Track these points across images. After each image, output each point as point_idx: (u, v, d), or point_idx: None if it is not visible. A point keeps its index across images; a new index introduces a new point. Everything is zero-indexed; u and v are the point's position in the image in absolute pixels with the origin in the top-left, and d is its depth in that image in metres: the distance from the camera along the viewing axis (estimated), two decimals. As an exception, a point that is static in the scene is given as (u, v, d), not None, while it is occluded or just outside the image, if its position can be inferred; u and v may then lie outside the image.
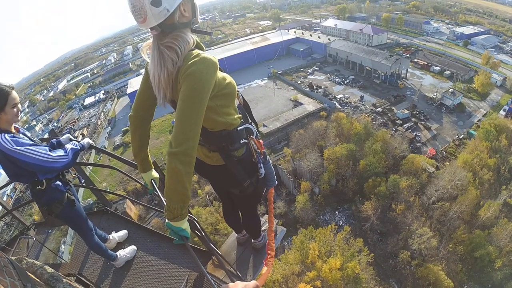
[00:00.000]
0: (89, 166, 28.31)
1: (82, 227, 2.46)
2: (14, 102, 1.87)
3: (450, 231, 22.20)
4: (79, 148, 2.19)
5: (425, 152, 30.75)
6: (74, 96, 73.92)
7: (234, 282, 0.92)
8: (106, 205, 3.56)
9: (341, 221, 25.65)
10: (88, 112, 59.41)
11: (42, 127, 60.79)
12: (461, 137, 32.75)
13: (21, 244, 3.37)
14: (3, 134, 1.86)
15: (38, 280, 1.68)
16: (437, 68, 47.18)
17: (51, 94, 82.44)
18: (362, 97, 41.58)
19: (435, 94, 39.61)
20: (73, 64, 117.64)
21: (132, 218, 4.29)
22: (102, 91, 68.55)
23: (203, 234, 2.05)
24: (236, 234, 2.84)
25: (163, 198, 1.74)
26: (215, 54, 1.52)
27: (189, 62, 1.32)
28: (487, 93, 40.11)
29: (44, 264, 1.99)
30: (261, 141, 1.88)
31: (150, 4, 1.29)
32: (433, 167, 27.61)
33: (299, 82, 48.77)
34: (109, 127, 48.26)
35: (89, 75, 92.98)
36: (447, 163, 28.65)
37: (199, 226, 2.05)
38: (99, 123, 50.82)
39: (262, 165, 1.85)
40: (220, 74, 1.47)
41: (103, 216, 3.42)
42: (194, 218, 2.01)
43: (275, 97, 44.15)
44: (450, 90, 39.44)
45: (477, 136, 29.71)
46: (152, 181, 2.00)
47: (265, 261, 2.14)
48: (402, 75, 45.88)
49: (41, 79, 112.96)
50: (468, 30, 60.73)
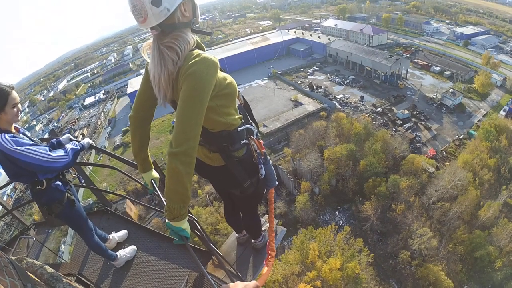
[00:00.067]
0: (89, 166, 28.33)
1: (82, 227, 2.47)
2: (14, 102, 1.87)
3: (450, 231, 22.21)
4: (79, 148, 2.19)
5: (425, 152, 30.75)
6: (74, 96, 73.94)
7: (234, 282, 0.92)
8: (106, 205, 3.56)
9: (341, 221, 25.66)
10: (88, 112, 59.41)
11: (42, 127, 60.84)
12: (461, 137, 32.75)
13: (21, 244, 3.37)
14: (3, 134, 1.86)
15: (38, 280, 1.67)
16: (437, 68, 47.16)
17: (51, 94, 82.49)
18: (362, 97, 41.57)
19: (435, 94, 39.60)
20: (73, 64, 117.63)
21: (132, 218, 4.29)
22: (102, 91, 68.58)
23: (203, 234, 2.05)
24: (236, 234, 2.84)
25: (163, 198, 1.73)
26: (215, 54, 1.52)
27: (190, 62, 1.31)
28: (487, 93, 40.10)
29: (44, 264, 1.99)
30: (262, 142, 1.87)
31: (151, 4, 1.28)
32: (433, 167, 27.62)
33: (299, 82, 48.75)
34: (109, 127, 48.28)
35: (89, 75, 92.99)
36: (447, 163, 28.65)
37: (199, 226, 2.05)
38: (99, 123, 50.83)
39: (263, 166, 1.84)
40: (221, 74, 1.47)
41: (103, 216, 3.42)
42: (194, 218, 2.00)
43: (275, 97, 44.14)
44: (450, 90, 39.42)
45: (477, 136, 29.72)
46: (152, 181, 2.00)
47: (266, 261, 2.14)
48: (402, 75, 45.84)
49: (41, 79, 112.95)
50: (468, 30, 60.71)
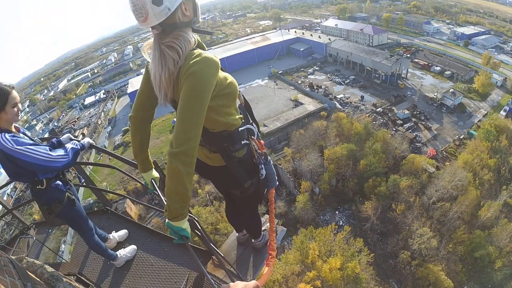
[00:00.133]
0: (90, 166, 28.36)
1: (82, 227, 2.47)
2: (15, 102, 1.87)
3: (450, 231, 22.22)
4: (79, 148, 2.19)
5: (426, 152, 30.76)
6: (75, 96, 73.94)
7: (234, 282, 0.92)
8: (106, 205, 3.56)
9: (341, 221, 25.67)
10: (89, 112, 59.41)
11: (43, 127, 60.89)
12: (462, 137, 32.75)
13: (21, 244, 3.37)
14: (4, 134, 1.85)
15: (38, 280, 1.67)
16: (438, 68, 47.14)
17: (52, 94, 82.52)
18: (363, 97, 41.57)
19: (436, 94, 39.59)
20: (74, 64, 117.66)
21: (132, 218, 4.29)
22: (103, 91, 68.60)
23: (203, 234, 2.04)
24: (237, 233, 2.84)
25: (164, 198, 1.73)
26: (216, 54, 1.50)
27: (191, 62, 1.30)
28: (488, 94, 40.10)
29: (44, 264, 1.99)
30: (262, 142, 1.86)
31: (151, 3, 1.27)
32: (434, 167, 27.62)
33: (300, 82, 48.74)
34: (110, 127, 48.27)
35: (90, 75, 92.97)
36: (448, 163, 28.64)
37: (199, 226, 2.04)
38: (100, 123, 50.84)
39: (263, 166, 1.83)
40: (222, 74, 1.46)
41: (103, 216, 3.42)
42: (194, 218, 2.00)
43: (276, 97, 44.14)
44: (451, 90, 39.41)
45: (478, 137, 29.73)
46: (153, 181, 2.00)
47: (267, 261, 2.13)
48: (403, 75, 45.82)
49: (42, 79, 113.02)
50: (469, 30, 60.70)
